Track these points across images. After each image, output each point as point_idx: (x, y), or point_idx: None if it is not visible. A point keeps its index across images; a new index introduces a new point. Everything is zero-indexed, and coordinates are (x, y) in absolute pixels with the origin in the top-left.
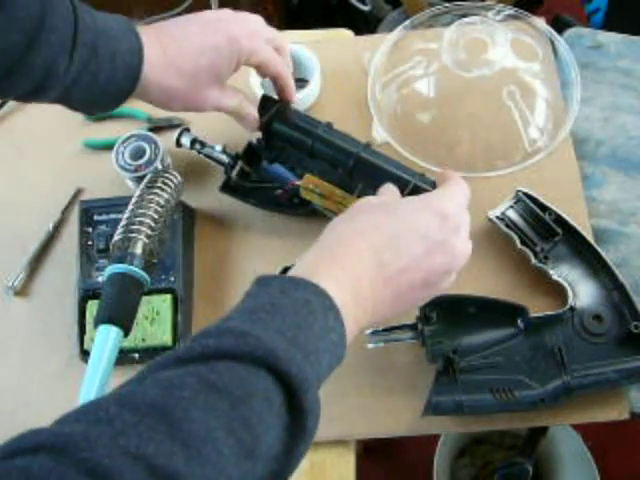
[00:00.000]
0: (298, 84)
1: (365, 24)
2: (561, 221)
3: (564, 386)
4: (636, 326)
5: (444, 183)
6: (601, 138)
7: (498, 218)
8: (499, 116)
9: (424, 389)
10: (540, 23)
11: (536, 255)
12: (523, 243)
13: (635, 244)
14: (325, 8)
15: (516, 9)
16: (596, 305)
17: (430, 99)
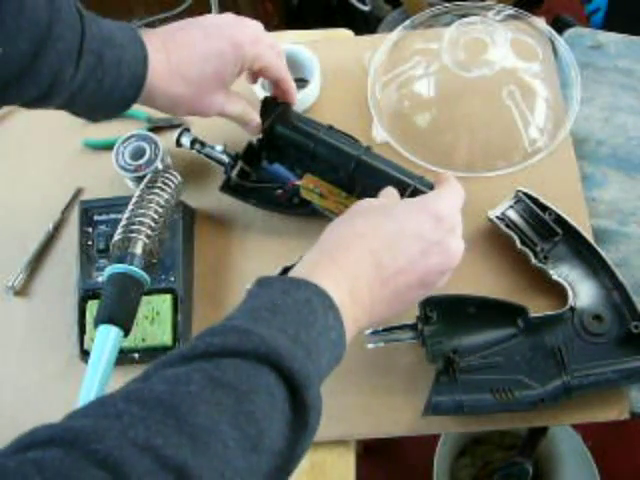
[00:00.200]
0: (298, 84)
1: (365, 24)
2: (561, 221)
3: (564, 386)
4: (636, 326)
5: (439, 185)
6: (601, 138)
7: (498, 218)
8: (499, 116)
9: (424, 389)
10: (540, 23)
11: (536, 255)
12: (523, 243)
13: (635, 244)
14: (325, 8)
15: (516, 9)
16: (596, 305)
17: (430, 99)
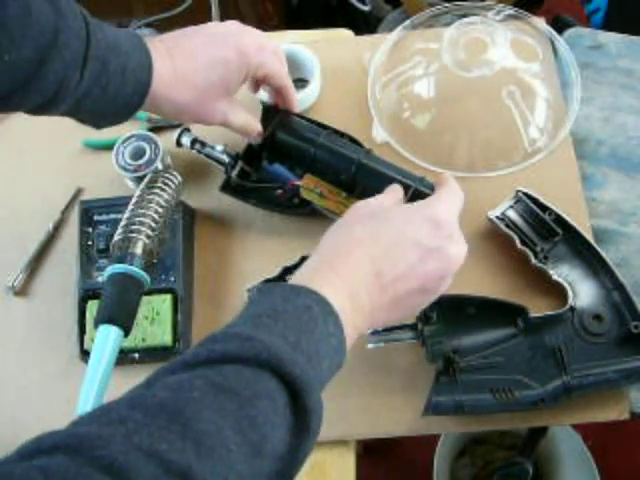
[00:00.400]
0: (298, 84)
1: (365, 24)
2: (561, 221)
3: (564, 386)
4: (636, 326)
5: (439, 188)
6: (601, 138)
7: (498, 218)
8: (499, 116)
9: (424, 389)
10: (540, 23)
11: (536, 255)
12: (523, 243)
13: (635, 244)
14: (325, 8)
15: (516, 9)
16: (596, 305)
17: (430, 99)
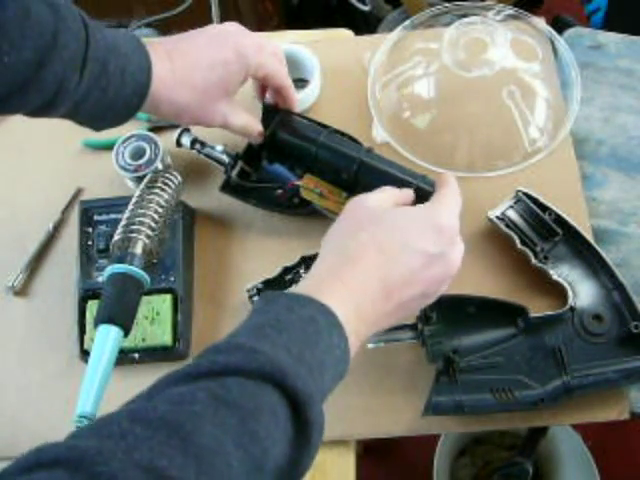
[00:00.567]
0: (298, 84)
1: (365, 24)
2: (561, 221)
3: (564, 386)
4: (636, 326)
5: (440, 189)
6: (601, 138)
7: (498, 218)
8: (499, 116)
9: (424, 389)
10: (540, 23)
11: (536, 255)
12: (523, 243)
13: (635, 244)
14: (325, 8)
15: (516, 9)
16: (596, 305)
17: (430, 99)
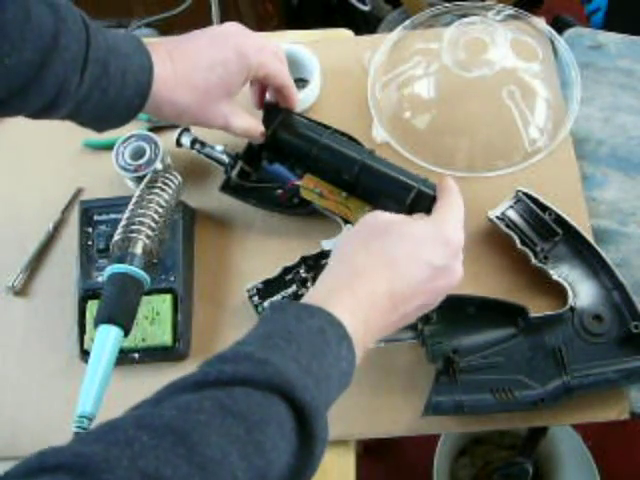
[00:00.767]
0: (298, 84)
1: (365, 24)
2: (561, 221)
3: (564, 386)
4: (636, 326)
5: (444, 198)
6: (601, 138)
7: (498, 218)
8: (499, 116)
9: (424, 389)
10: (540, 23)
11: (536, 255)
12: (523, 243)
13: (635, 244)
14: (325, 8)
15: (516, 9)
16: (596, 305)
17: (430, 99)
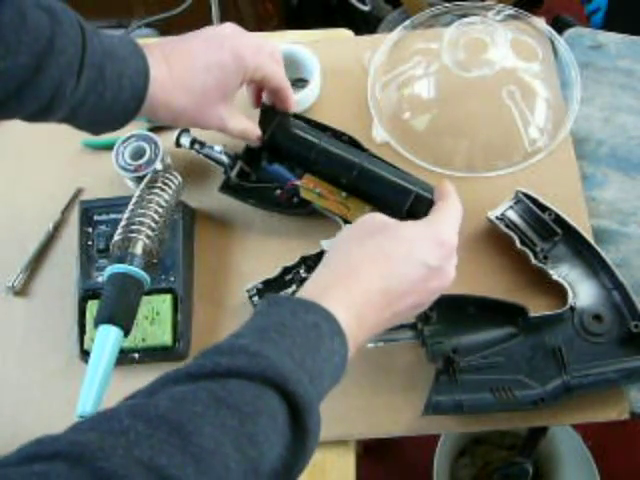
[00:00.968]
0: (298, 84)
1: (365, 24)
2: (561, 221)
3: (564, 386)
4: (636, 326)
5: (442, 201)
6: (601, 138)
7: (498, 218)
8: (499, 116)
9: (424, 389)
10: (540, 23)
11: (536, 255)
12: (523, 243)
13: (635, 244)
14: (325, 8)
15: (516, 9)
16: (596, 305)
17: (430, 99)
